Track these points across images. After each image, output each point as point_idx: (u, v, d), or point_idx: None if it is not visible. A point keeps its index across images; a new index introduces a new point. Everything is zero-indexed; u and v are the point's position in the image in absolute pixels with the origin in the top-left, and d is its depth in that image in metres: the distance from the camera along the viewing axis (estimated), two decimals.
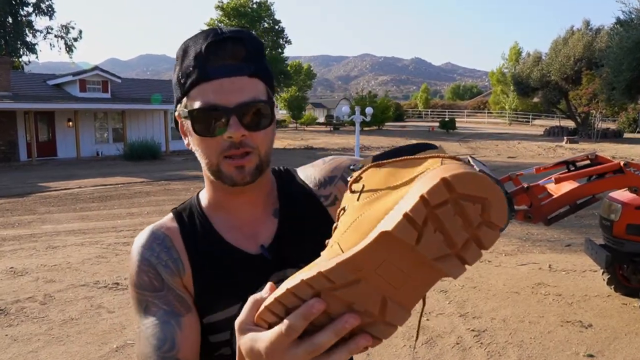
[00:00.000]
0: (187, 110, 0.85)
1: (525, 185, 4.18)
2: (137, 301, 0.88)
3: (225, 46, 0.83)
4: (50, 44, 34.91)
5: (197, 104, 0.83)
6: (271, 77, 0.90)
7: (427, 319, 4.47)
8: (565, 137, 29.59)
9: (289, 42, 37.62)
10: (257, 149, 0.86)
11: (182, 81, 0.86)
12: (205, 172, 0.90)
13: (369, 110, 14.16)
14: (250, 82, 0.84)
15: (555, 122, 41.96)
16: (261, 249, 0.92)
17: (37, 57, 34.06)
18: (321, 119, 50.44)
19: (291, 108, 47.89)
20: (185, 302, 0.88)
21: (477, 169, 0.48)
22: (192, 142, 0.89)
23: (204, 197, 0.97)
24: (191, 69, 0.84)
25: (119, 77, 24.98)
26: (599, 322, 4.39)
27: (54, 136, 22.36)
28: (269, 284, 0.59)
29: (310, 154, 21.47)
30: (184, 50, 0.86)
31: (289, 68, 40.77)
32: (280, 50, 37.32)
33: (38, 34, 33.32)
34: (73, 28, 34.57)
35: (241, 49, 0.84)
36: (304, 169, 1.02)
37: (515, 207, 4.14)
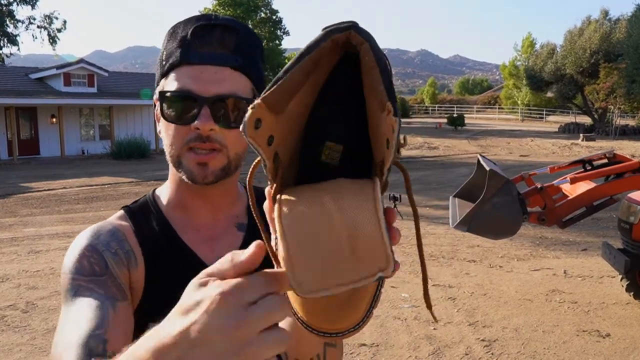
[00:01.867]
0: (160, 92, 0.85)
1: (539, 186, 4.19)
2: (67, 287, 0.80)
3: (214, 32, 0.83)
4: (33, 35, 34.88)
5: (172, 87, 0.83)
6: (261, 77, 0.89)
7: (434, 328, 4.47)
8: (581, 135, 29.59)
9: (287, 33, 37.63)
10: (227, 149, 0.84)
11: (163, 62, 0.86)
12: (170, 164, 0.89)
13: None
14: (234, 75, 0.83)
15: (570, 119, 41.97)
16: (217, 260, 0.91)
17: (18, 49, 34.03)
18: None
19: None
20: (123, 291, 0.82)
21: (488, 168, 0.48)
22: (161, 128, 0.88)
23: (163, 195, 0.95)
24: (175, 50, 0.84)
25: (105, 71, 24.97)
26: (618, 331, 4.38)
27: (37, 133, 22.36)
28: (254, 245, 0.47)
29: None
30: (172, 31, 0.86)
31: (286, 61, 40.76)
32: (277, 42, 37.33)
33: (20, 24, 33.30)
34: (57, 18, 34.57)
35: (231, 38, 0.84)
36: None
37: (528, 209, 4.14)
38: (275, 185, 0.49)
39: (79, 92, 23.00)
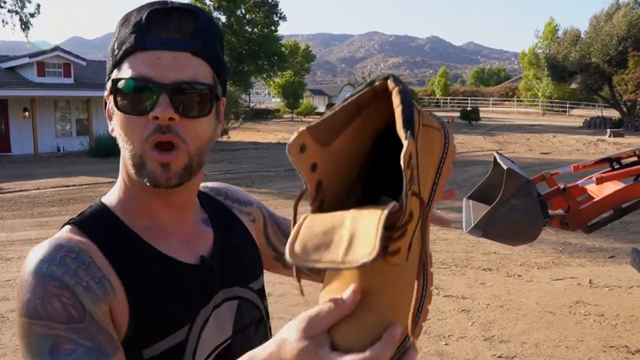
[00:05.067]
0: (112, 80, 0.84)
1: (562, 187, 4.18)
2: (38, 339, 0.73)
3: (171, 16, 0.83)
4: (3, 20, 34.81)
5: (125, 75, 0.82)
6: (221, 65, 0.89)
7: (446, 344, 4.48)
8: (608, 130, 29.61)
9: (283, 18, 37.64)
10: (186, 145, 0.83)
11: (115, 52, 0.85)
12: (125, 167, 0.88)
13: None
14: (194, 61, 0.83)
15: (596, 112, 42.00)
16: (204, 259, 0.92)
17: None
18: (321, 108, 50.47)
19: (286, 95, 47.91)
20: (111, 338, 0.77)
21: (505, 167, 0.51)
22: (115, 124, 0.86)
23: (117, 202, 0.91)
24: (128, 36, 0.83)
25: (83, 59, 25.00)
26: None
27: (7, 129, 22.38)
28: (351, 291, 0.57)
29: None
30: (125, 19, 0.86)
31: (283, 49, 40.80)
32: (273, 28, 37.35)
33: None
34: (29, 2, 34.55)
35: (189, 22, 0.84)
36: (205, 186, 1.08)
37: (550, 211, 4.14)
38: (312, 208, 0.60)
39: (54, 82, 23.03)
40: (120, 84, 0.82)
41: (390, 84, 0.59)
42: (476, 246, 7.44)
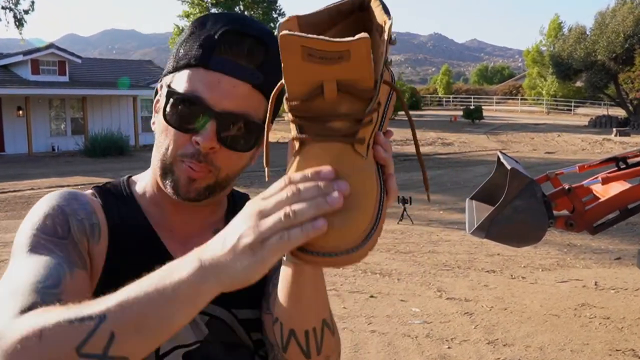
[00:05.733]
0: (168, 87, 0.86)
1: (567, 187, 4.18)
2: (22, 243, 0.82)
3: (244, 42, 0.84)
4: None
5: (182, 87, 0.84)
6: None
7: (449, 347, 4.48)
8: (614, 129, 29.60)
9: (282, 14, 37.65)
10: (219, 170, 0.85)
11: (180, 54, 0.86)
12: (154, 166, 0.90)
13: None
14: (253, 94, 0.84)
15: (602, 111, 41.98)
16: None
17: None
18: None
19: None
20: (83, 259, 0.84)
21: (509, 167, 0.52)
22: (158, 124, 0.89)
23: (140, 185, 0.96)
24: (196, 47, 0.84)
25: (78, 57, 25.00)
26: None
27: (1, 128, 22.37)
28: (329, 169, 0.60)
29: None
30: (201, 23, 0.87)
31: None
32: (272, 25, 37.33)
33: None
34: None
35: (260, 53, 0.84)
36: None
37: (554, 212, 4.14)
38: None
39: (49, 81, 23.03)
40: (174, 94, 0.84)
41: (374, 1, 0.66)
42: (479, 248, 7.44)
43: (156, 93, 0.92)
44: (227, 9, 35.35)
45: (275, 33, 0.60)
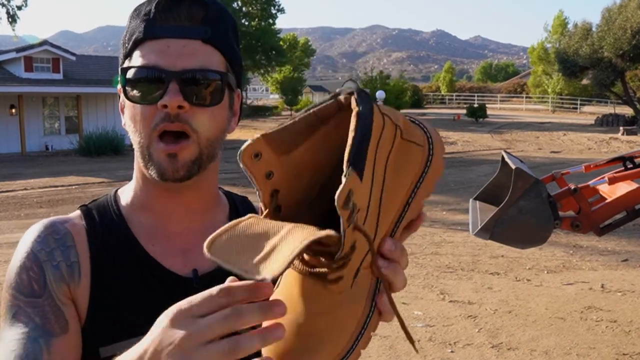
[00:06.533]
0: (122, 69, 0.87)
1: (573, 187, 4.18)
2: (6, 304, 0.85)
3: (181, 4, 0.86)
4: None
5: (135, 63, 0.85)
6: (234, 54, 0.91)
7: (452, 351, 4.48)
8: (621, 128, 29.61)
9: (281, 10, 37.64)
10: (197, 135, 0.84)
11: (126, 43, 0.88)
12: (137, 160, 0.90)
13: (380, 94, 14.22)
14: (205, 48, 0.86)
15: (609, 109, 42.00)
16: (192, 273, 0.90)
17: None
18: None
19: (285, 92, 47.97)
20: (62, 317, 0.84)
21: (513, 167, 0.50)
22: (126, 116, 0.89)
23: (126, 195, 0.96)
24: (138, 24, 0.86)
25: (73, 54, 24.98)
26: None
27: None
28: (228, 282, 0.57)
29: None
30: (136, 11, 0.89)
31: (281, 43, 40.85)
32: (271, 21, 37.36)
33: None
34: None
35: (199, 10, 0.86)
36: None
37: (560, 213, 4.14)
38: (264, 215, 0.60)
39: (42, 78, 23.02)
40: (129, 73, 0.85)
41: (353, 102, 0.58)
42: (483, 249, 7.44)
43: (119, 97, 0.92)
44: (224, 4, 35.39)
45: (238, 159, 0.58)
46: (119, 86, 0.89)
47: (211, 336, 0.53)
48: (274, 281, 0.53)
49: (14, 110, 22.37)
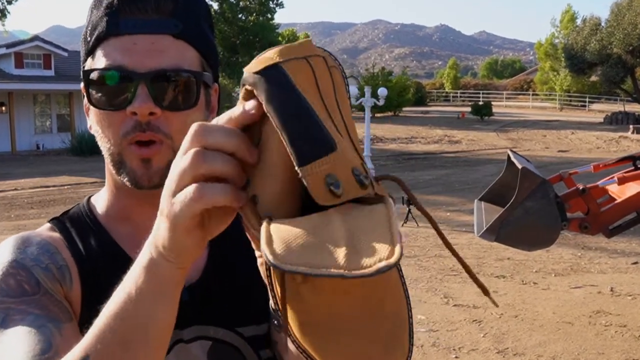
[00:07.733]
0: (84, 71, 0.81)
1: (581, 187, 4.18)
2: None
3: None
4: None
5: (99, 65, 0.79)
6: (210, 47, 0.86)
7: (456, 356, 4.47)
8: (631, 126, 29.61)
9: (280, 5, 37.64)
10: (171, 140, 0.78)
11: (87, 38, 0.82)
12: (107, 166, 0.85)
13: (382, 91, 14.17)
14: (176, 44, 0.79)
15: (618, 107, 41.99)
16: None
17: None
18: None
19: None
20: (65, 309, 0.79)
21: (520, 166, 0.49)
22: (92, 120, 0.83)
23: (101, 204, 0.91)
24: (99, 20, 0.80)
25: (65, 50, 25.00)
26: None
27: None
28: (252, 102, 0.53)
29: None
30: (96, 0, 0.82)
31: (280, 38, 40.82)
32: (269, 15, 37.32)
33: None
34: None
35: (168, 2, 0.79)
36: None
37: (568, 214, 4.14)
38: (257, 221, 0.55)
39: (33, 75, 23.02)
40: (93, 76, 0.79)
41: (257, 100, 0.53)
42: (489, 251, 7.44)
43: (83, 96, 0.85)
44: None
45: None
46: (83, 85, 0.83)
47: (208, 172, 0.52)
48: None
49: (3, 108, 22.37)
